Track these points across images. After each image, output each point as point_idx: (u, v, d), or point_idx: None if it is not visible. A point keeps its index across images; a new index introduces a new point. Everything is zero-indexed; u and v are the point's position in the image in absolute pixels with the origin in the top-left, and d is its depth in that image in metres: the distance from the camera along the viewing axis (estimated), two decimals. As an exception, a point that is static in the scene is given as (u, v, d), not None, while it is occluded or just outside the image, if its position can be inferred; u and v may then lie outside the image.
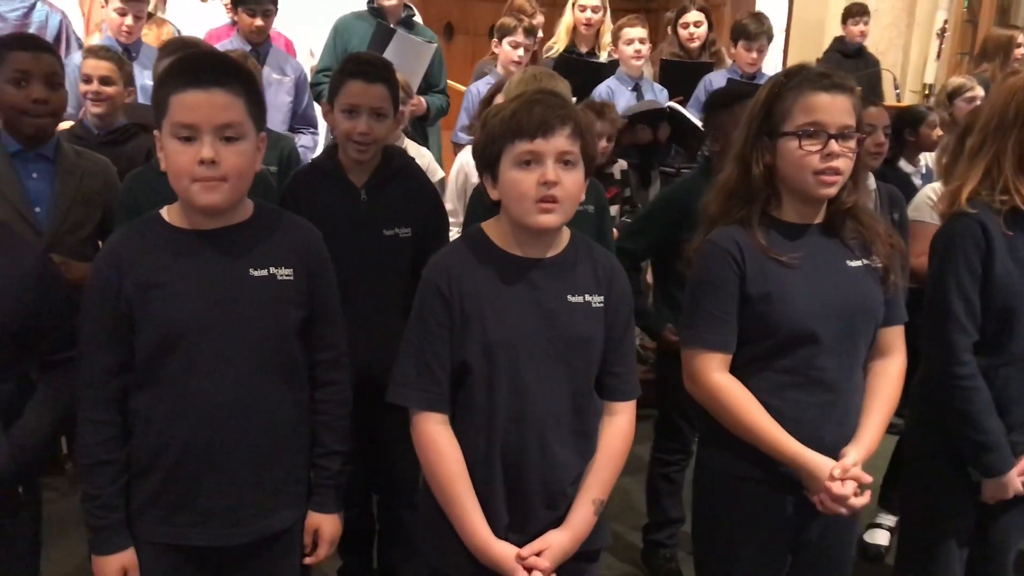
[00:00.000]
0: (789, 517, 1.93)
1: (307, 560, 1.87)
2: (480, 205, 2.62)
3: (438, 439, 1.73)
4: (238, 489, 1.75)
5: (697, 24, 5.09)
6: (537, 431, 1.72)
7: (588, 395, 1.77)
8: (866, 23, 5.78)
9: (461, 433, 1.74)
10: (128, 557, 1.75)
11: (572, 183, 1.69)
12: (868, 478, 1.86)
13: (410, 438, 1.76)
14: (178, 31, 4.74)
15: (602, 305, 1.77)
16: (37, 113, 2.43)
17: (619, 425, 1.81)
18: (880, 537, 3.35)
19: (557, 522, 1.76)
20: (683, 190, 2.83)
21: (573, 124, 1.68)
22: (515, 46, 4.41)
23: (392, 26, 4.35)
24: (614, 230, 3.20)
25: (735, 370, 1.90)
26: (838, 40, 5.88)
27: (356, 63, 2.52)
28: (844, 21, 5.84)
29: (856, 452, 1.87)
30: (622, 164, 3.99)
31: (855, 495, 1.84)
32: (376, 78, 2.45)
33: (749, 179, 1.89)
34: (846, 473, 1.83)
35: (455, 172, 3.37)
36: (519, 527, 1.74)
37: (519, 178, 1.68)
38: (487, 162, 1.74)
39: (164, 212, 1.75)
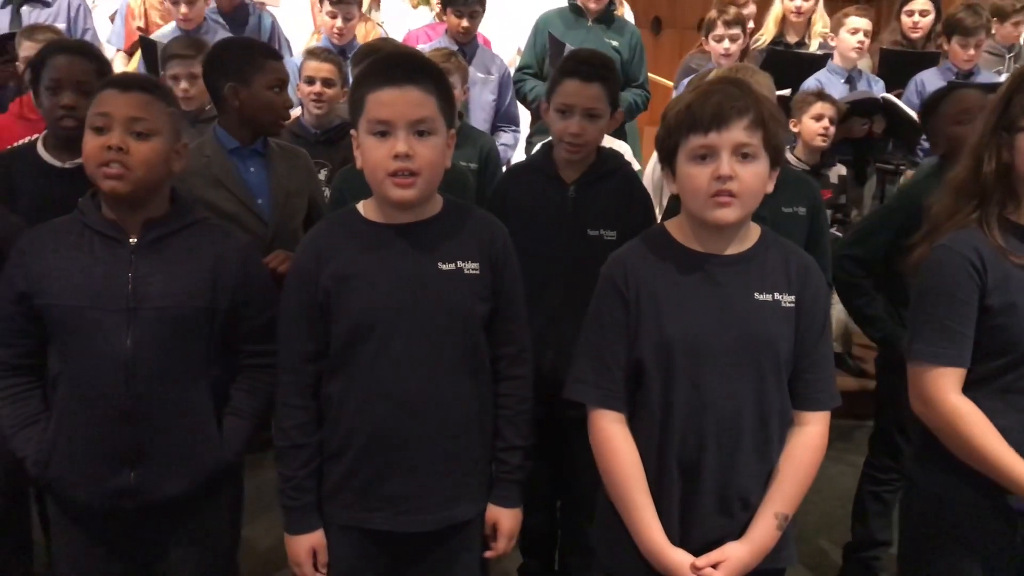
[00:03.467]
0: (1019, 551, 1.76)
1: (487, 554, 1.89)
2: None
3: (613, 438, 1.70)
4: (422, 477, 1.78)
5: (923, 13, 4.77)
6: (715, 434, 1.65)
7: (775, 400, 1.68)
8: None
9: (637, 432, 1.71)
10: (317, 538, 1.82)
11: (751, 176, 1.61)
12: None
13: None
14: (384, 32, 4.93)
15: (793, 305, 1.67)
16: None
17: (809, 436, 1.70)
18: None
19: (733, 531, 1.69)
20: (917, 191, 2.59)
21: (752, 115, 1.60)
22: (722, 39, 4.28)
23: (589, 23, 4.37)
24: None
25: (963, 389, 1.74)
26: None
27: (574, 61, 2.50)
28: None
29: None
30: (840, 169, 3.79)
31: None
32: (592, 77, 2.40)
33: (980, 176, 1.74)
34: None
35: (651, 167, 3.31)
36: (691, 532, 1.68)
37: (693, 173, 1.62)
38: (666, 155, 1.69)
39: (360, 207, 1.82)
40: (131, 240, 1.83)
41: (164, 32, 4.42)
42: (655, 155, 3.27)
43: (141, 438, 1.82)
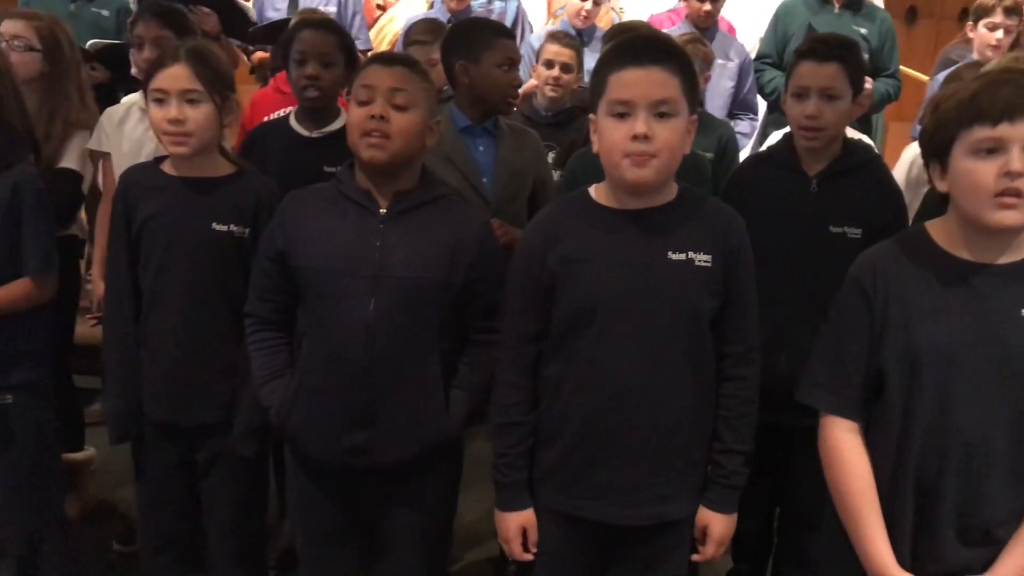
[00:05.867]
0: None
1: (695, 557, 1.84)
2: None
3: (844, 447, 1.62)
4: (635, 470, 1.75)
5: None
6: (960, 456, 1.52)
7: None
8: None
9: (871, 445, 1.61)
10: (527, 517, 1.83)
11: None
12: None
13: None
14: (618, 18, 4.88)
15: None
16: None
17: None
18: None
19: (972, 565, 1.55)
20: None
21: None
22: (993, 28, 3.93)
23: (836, 10, 4.17)
24: None
25: None
26: None
27: (810, 42, 2.40)
28: None
29: None
30: None
31: None
32: (829, 57, 2.28)
33: None
34: None
35: (906, 164, 3.08)
36: (925, 558, 1.57)
37: (975, 168, 1.48)
38: (936, 149, 1.56)
39: (592, 190, 1.80)
40: (381, 210, 1.91)
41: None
42: (907, 152, 3.09)
43: (374, 401, 1.89)
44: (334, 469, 1.94)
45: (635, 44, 1.72)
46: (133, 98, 2.79)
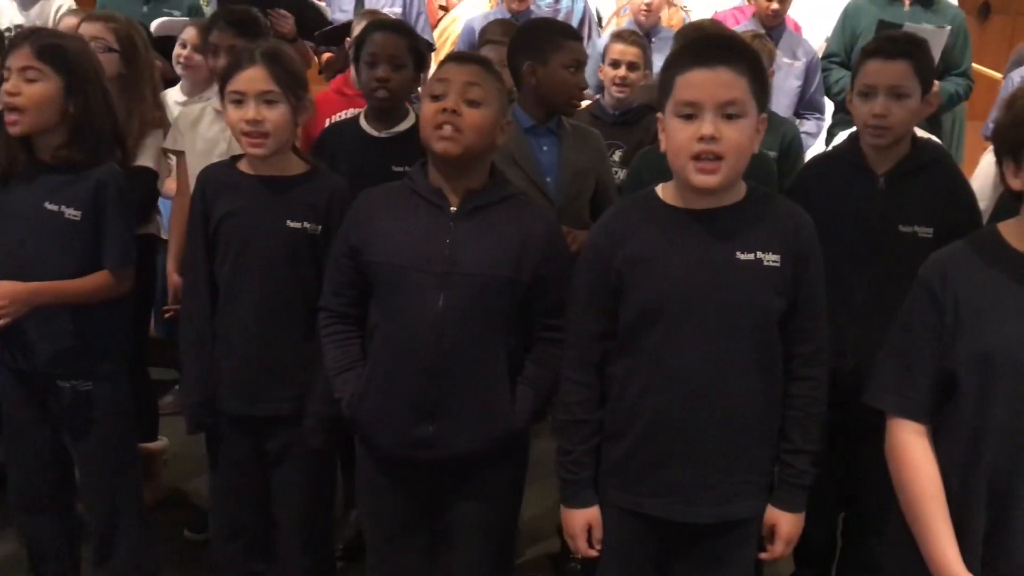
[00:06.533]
0: None
1: (762, 555, 1.84)
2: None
3: (912, 450, 1.60)
4: (701, 469, 1.75)
5: None
6: None
7: None
8: None
9: (939, 449, 1.59)
10: (593, 514, 1.85)
11: None
12: None
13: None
14: (686, 16, 4.86)
15: None
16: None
17: None
18: None
19: None
20: None
21: None
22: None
23: (906, 8, 4.11)
24: None
25: None
26: None
27: (879, 40, 2.39)
28: None
29: None
30: None
31: None
32: (896, 54, 2.26)
33: None
34: None
35: (984, 167, 3.01)
36: (996, 564, 1.55)
37: None
38: (1011, 146, 1.54)
39: (659, 189, 1.81)
40: (452, 208, 1.94)
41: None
42: (987, 155, 3.02)
43: (442, 395, 1.93)
44: (401, 460, 1.98)
45: (702, 44, 1.73)
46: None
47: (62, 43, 2.23)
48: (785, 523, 1.80)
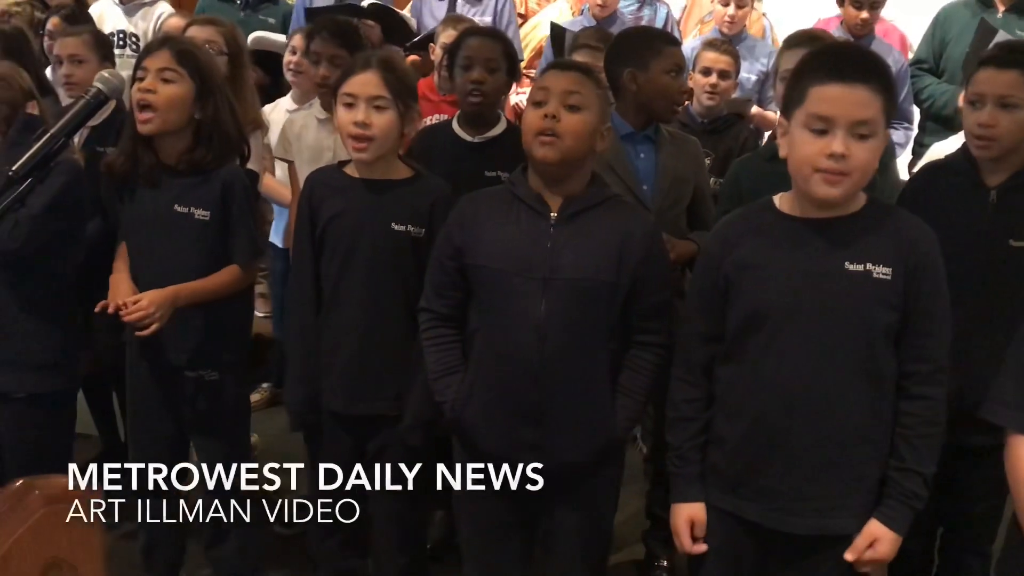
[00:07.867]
0: None
1: (847, 555, 1.76)
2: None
3: None
4: (799, 478, 1.74)
5: None
6: None
7: None
8: None
9: None
10: (697, 509, 1.85)
11: None
12: None
13: (994, 478, 1.63)
14: (768, 23, 4.81)
15: None
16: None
17: None
18: None
19: None
20: None
21: None
22: None
23: (999, 15, 3.97)
24: None
25: None
26: None
27: (993, 49, 2.36)
28: None
29: None
30: None
31: None
32: (1009, 63, 2.20)
33: None
34: None
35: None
36: None
37: None
38: None
39: (776, 199, 1.80)
40: (552, 214, 1.95)
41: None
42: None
43: (546, 399, 1.94)
44: (503, 464, 1.99)
45: (840, 57, 1.71)
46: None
47: (196, 51, 2.32)
48: (884, 542, 1.74)
